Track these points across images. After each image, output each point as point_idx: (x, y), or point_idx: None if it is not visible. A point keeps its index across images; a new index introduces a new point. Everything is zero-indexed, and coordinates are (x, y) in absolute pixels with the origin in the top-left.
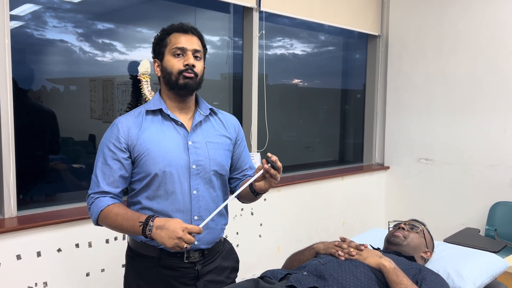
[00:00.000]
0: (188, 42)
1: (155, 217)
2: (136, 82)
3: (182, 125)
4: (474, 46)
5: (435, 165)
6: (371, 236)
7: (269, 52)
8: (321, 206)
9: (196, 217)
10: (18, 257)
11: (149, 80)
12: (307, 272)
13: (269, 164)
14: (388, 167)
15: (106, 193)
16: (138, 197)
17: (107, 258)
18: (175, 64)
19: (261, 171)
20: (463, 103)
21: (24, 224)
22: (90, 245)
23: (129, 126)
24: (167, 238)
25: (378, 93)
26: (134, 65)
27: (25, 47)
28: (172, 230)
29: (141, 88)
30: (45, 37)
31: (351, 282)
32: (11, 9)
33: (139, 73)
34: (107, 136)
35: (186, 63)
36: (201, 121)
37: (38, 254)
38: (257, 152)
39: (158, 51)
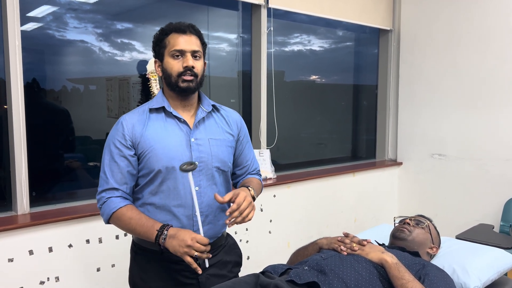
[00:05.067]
0: (187, 43)
1: (169, 227)
2: (145, 81)
3: (184, 122)
4: (487, 39)
5: (448, 161)
6: (379, 232)
7: (287, 49)
8: (332, 202)
9: (197, 213)
10: (31, 252)
11: (157, 79)
12: (308, 267)
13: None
14: (401, 163)
15: (115, 189)
16: (142, 192)
17: (118, 253)
18: (175, 66)
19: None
20: (476, 97)
21: (36, 221)
22: (100, 241)
23: (133, 124)
24: (178, 247)
25: (391, 88)
26: (143, 64)
27: (44, 48)
28: (181, 239)
29: (150, 87)
30: (65, 37)
31: (352, 277)
32: (31, 10)
33: (147, 72)
34: (113, 134)
35: (185, 65)
36: (203, 117)
37: (50, 249)
38: (267, 148)
39: (158, 51)
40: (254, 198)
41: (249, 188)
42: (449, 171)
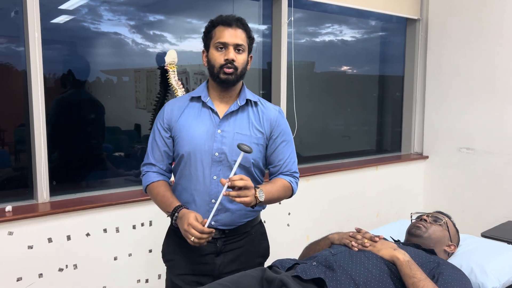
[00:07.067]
0: (231, 36)
1: (181, 208)
2: (163, 73)
3: (216, 113)
4: None
5: (476, 155)
6: (397, 228)
7: (318, 39)
8: (354, 196)
9: (213, 200)
10: (50, 240)
11: (176, 70)
12: (317, 263)
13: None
14: (427, 157)
15: (153, 165)
16: (176, 172)
17: (134, 243)
18: (217, 58)
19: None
20: (506, 89)
21: (55, 209)
22: (117, 230)
23: (172, 109)
24: (181, 229)
25: (418, 80)
26: (162, 56)
27: (76, 40)
28: (182, 222)
29: (168, 78)
30: (99, 29)
31: (361, 274)
32: (64, 3)
33: (166, 63)
34: (158, 116)
35: (226, 57)
36: (237, 110)
37: (68, 238)
38: None
39: (205, 42)
40: (257, 199)
41: (256, 188)
42: (477, 166)
